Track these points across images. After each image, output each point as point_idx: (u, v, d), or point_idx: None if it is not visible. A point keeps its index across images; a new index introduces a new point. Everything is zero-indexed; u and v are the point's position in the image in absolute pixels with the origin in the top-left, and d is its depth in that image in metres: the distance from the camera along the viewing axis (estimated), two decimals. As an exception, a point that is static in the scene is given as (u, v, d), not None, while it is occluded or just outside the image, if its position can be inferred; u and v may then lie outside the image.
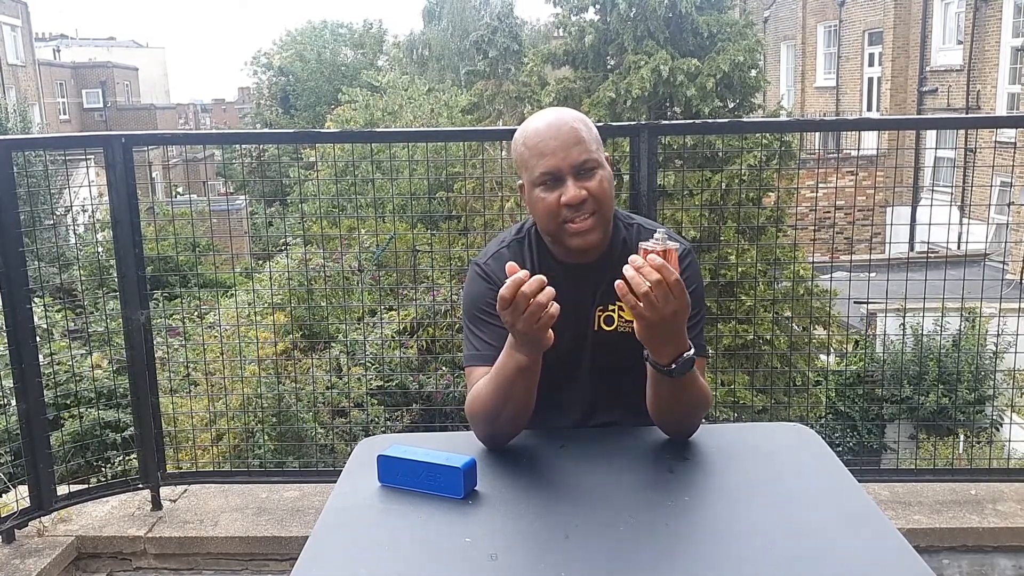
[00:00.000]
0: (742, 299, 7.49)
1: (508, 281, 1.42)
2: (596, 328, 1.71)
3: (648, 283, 1.40)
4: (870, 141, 11.98)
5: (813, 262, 5.87)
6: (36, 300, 3.10)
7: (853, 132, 10.50)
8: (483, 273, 1.74)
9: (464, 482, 1.43)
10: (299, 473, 3.87)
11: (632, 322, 1.49)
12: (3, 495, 3.04)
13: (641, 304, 1.41)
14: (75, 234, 7.80)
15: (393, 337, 6.04)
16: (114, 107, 36.65)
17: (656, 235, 1.46)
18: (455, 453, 1.48)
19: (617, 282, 1.42)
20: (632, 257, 1.43)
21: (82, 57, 41.03)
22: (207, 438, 4.73)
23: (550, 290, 1.43)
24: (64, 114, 35.14)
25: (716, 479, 1.57)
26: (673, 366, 1.52)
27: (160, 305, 4.76)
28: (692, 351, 1.53)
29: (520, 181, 1.72)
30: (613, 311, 1.70)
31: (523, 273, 1.42)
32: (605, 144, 1.78)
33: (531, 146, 1.65)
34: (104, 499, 3.04)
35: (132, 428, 3.39)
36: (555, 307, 1.43)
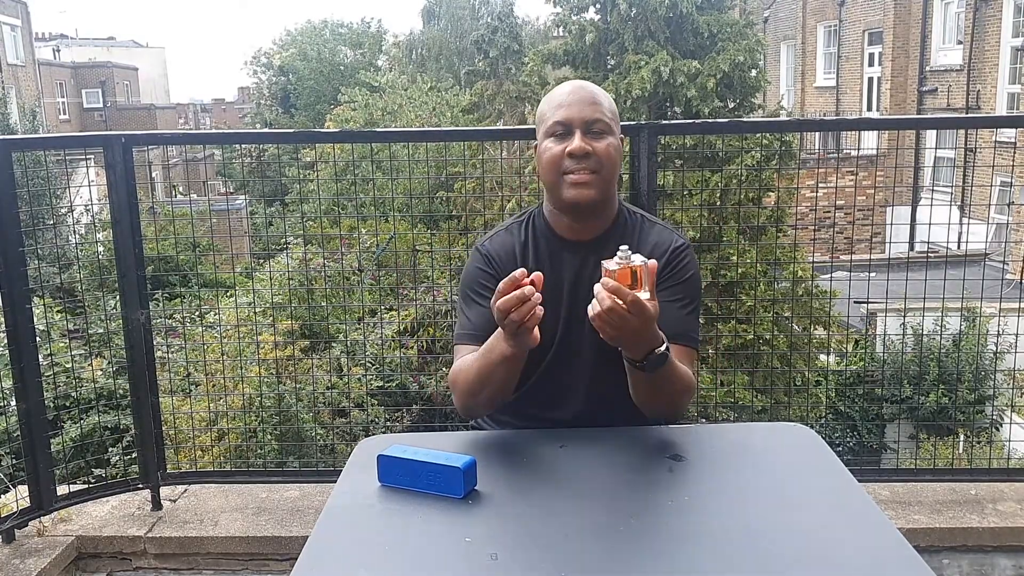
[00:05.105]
0: (742, 299, 7.48)
1: (507, 277, 1.44)
2: None
3: (599, 309, 1.42)
4: (870, 141, 11.98)
5: (813, 262, 5.87)
6: (36, 300, 3.09)
7: (853, 132, 10.50)
8: (481, 255, 1.79)
9: (464, 482, 1.43)
10: (299, 473, 3.87)
11: None
12: (3, 495, 3.05)
13: (602, 325, 1.44)
14: (75, 234, 7.80)
15: (393, 337, 6.04)
16: (114, 107, 36.64)
17: (619, 253, 1.44)
18: (455, 453, 1.48)
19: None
20: (596, 286, 1.44)
21: (82, 57, 40.99)
22: (207, 439, 4.73)
23: (538, 279, 1.45)
24: (64, 114, 35.13)
25: (716, 479, 1.57)
26: (644, 362, 1.53)
27: (160, 305, 4.76)
28: (664, 347, 1.53)
29: (535, 142, 1.75)
30: None
31: (521, 271, 1.45)
32: None
33: (551, 101, 1.72)
34: (104, 499, 3.04)
35: (132, 430, 3.39)
36: (540, 310, 1.45)
